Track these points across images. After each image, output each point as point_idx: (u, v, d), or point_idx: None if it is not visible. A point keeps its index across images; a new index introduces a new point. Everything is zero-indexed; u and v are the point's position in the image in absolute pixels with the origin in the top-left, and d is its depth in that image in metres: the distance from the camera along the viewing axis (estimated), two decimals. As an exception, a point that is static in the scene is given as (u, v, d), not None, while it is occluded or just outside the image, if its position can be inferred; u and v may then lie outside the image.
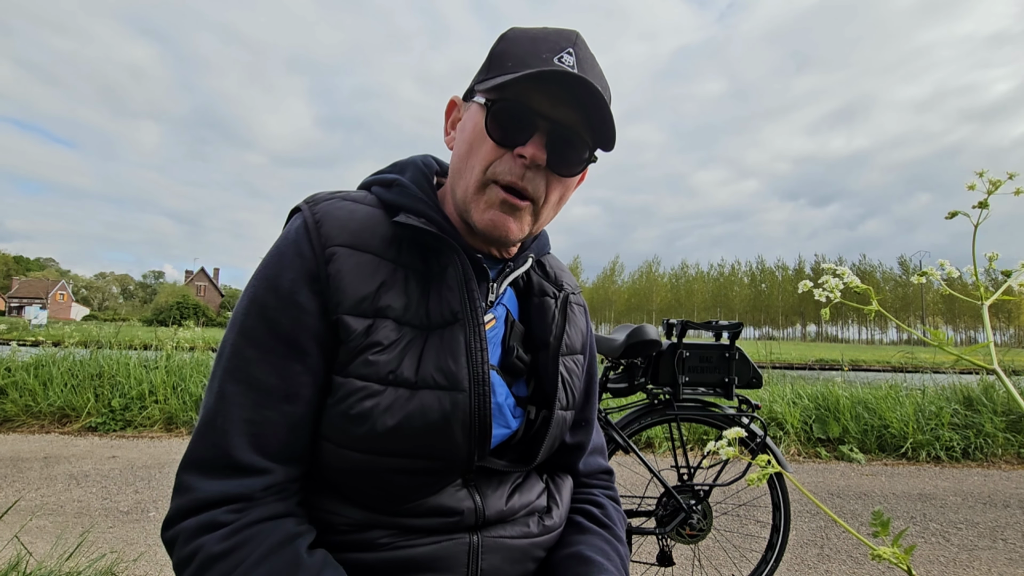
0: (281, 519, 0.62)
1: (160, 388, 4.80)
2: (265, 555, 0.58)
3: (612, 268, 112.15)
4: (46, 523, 2.59)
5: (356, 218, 0.70)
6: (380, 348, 0.65)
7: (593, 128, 0.70)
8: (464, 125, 0.74)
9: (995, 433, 4.44)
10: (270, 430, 0.63)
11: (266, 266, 0.67)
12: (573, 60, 0.67)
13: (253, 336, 0.64)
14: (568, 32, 0.71)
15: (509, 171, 0.69)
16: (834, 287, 0.48)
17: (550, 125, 0.68)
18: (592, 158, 0.74)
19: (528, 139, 0.68)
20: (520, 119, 0.68)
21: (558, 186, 0.73)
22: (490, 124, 0.68)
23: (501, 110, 0.68)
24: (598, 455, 0.96)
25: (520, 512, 0.76)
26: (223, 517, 0.59)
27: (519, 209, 0.71)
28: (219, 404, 0.63)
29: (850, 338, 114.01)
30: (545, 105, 0.68)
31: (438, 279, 0.71)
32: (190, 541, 0.58)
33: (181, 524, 0.60)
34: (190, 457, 0.62)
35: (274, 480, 0.63)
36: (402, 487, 0.67)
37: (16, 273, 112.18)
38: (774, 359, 10.44)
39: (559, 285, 0.87)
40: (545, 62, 0.66)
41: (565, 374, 0.80)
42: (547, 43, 0.68)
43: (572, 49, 0.68)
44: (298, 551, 0.60)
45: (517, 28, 0.73)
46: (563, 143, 0.70)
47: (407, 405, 0.64)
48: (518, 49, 0.69)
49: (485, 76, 0.71)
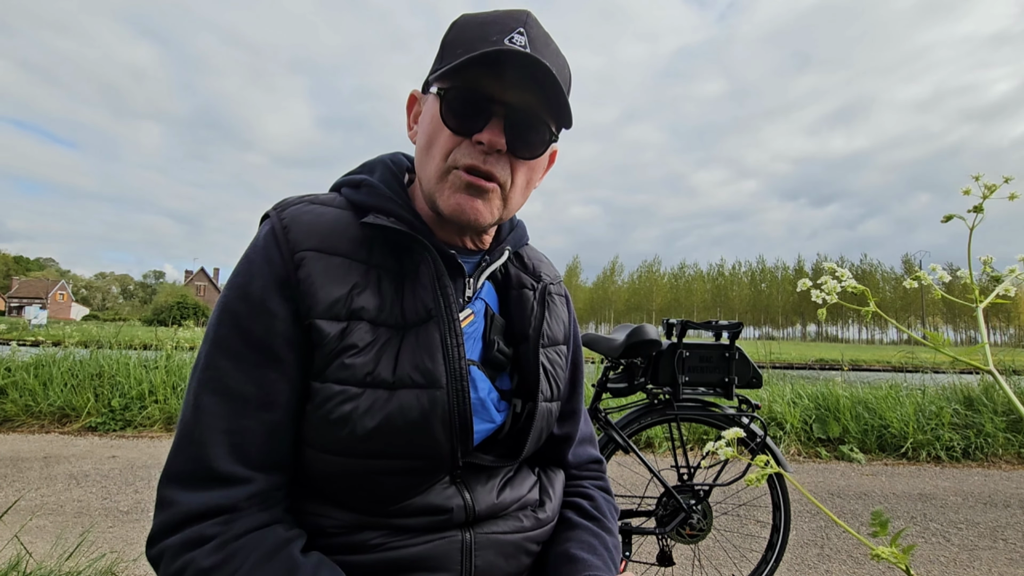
0: (269, 527, 0.62)
1: (160, 388, 4.80)
2: (259, 563, 0.57)
3: (612, 268, 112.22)
4: (46, 523, 2.59)
5: (324, 221, 0.69)
6: (356, 350, 0.64)
7: (550, 108, 0.70)
8: (423, 117, 0.73)
9: (995, 433, 4.44)
10: (249, 439, 0.62)
11: (237, 275, 0.67)
12: (524, 40, 0.66)
13: (226, 345, 0.64)
14: (518, 12, 0.69)
15: (468, 155, 0.68)
16: (832, 289, 0.48)
17: (505, 109, 0.68)
18: (554, 138, 0.73)
19: (484, 125, 0.67)
20: (474, 105, 0.67)
21: (523, 169, 0.73)
22: (445, 113, 0.68)
23: (454, 98, 0.67)
24: (587, 444, 0.96)
25: (512, 506, 0.76)
26: (209, 530, 0.58)
27: (486, 191, 0.70)
28: (195, 416, 0.62)
29: (850, 338, 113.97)
30: (498, 89, 0.67)
31: (411, 278, 0.71)
32: (177, 557, 0.57)
33: (166, 541, 0.58)
34: (170, 471, 0.61)
35: (257, 489, 0.62)
36: (389, 488, 0.67)
37: (16, 273, 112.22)
38: (774, 359, 10.43)
39: (537, 276, 0.87)
40: (495, 44, 0.65)
41: (548, 365, 0.80)
42: (496, 25, 0.67)
43: (523, 29, 0.67)
44: (292, 554, 0.60)
45: (468, 14, 0.72)
46: (522, 126, 0.69)
47: (386, 406, 0.64)
48: (467, 35, 0.68)
49: (438, 66, 0.70)
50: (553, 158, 0.82)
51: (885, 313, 0.49)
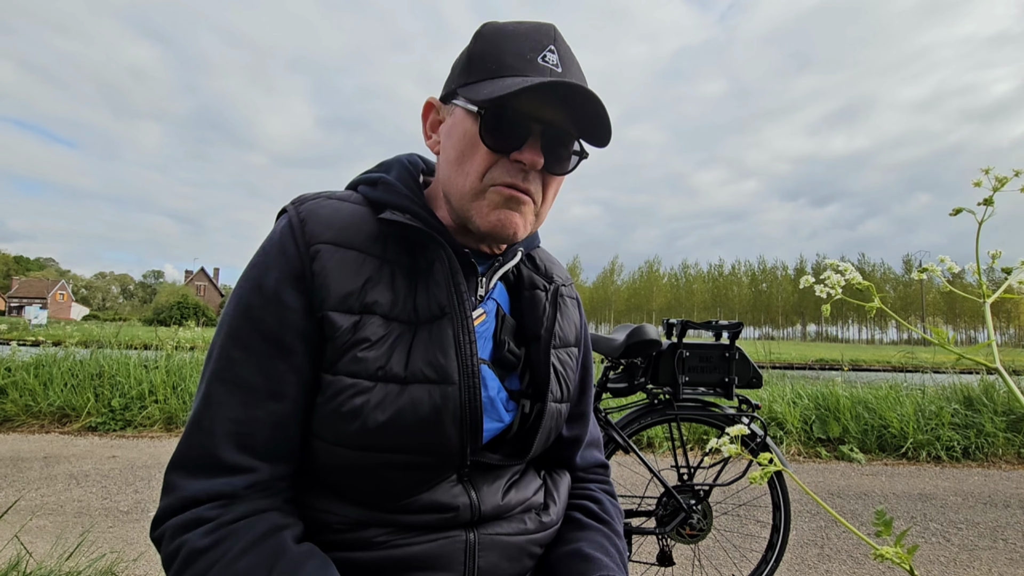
0: (265, 513, 0.62)
1: (160, 388, 4.80)
2: (249, 545, 0.58)
3: (612, 268, 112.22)
4: (46, 523, 2.59)
5: (341, 215, 0.70)
6: (368, 344, 0.65)
7: (582, 124, 0.71)
8: (451, 131, 0.73)
9: (995, 433, 4.44)
10: (255, 428, 0.63)
11: (252, 267, 0.68)
12: (556, 58, 0.68)
13: (239, 337, 0.65)
14: (546, 27, 0.70)
15: (508, 174, 0.69)
16: (836, 283, 0.48)
17: (543, 127, 0.69)
18: (585, 154, 0.75)
19: (523, 144, 0.68)
20: (514, 126, 0.68)
21: (553, 184, 0.75)
22: (484, 133, 0.68)
23: (494, 117, 0.68)
24: (594, 448, 0.96)
25: (517, 508, 0.76)
26: (207, 513, 0.60)
27: (523, 204, 0.71)
28: (205, 405, 0.63)
29: (850, 338, 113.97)
30: (537, 108, 0.68)
31: (425, 274, 0.71)
32: (175, 537, 0.59)
33: (167, 522, 0.60)
34: (177, 458, 0.63)
35: (259, 478, 0.63)
36: (396, 483, 0.67)
37: (16, 273, 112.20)
38: (774, 359, 10.43)
39: (549, 278, 0.87)
40: (529, 63, 0.66)
41: (558, 366, 0.80)
42: (528, 41, 0.68)
43: (553, 46, 0.68)
44: (282, 541, 0.60)
45: (493, 24, 0.72)
46: (556, 143, 0.70)
47: (397, 400, 0.64)
48: (498, 49, 0.69)
49: (467, 80, 0.70)
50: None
51: (887, 313, 0.49)
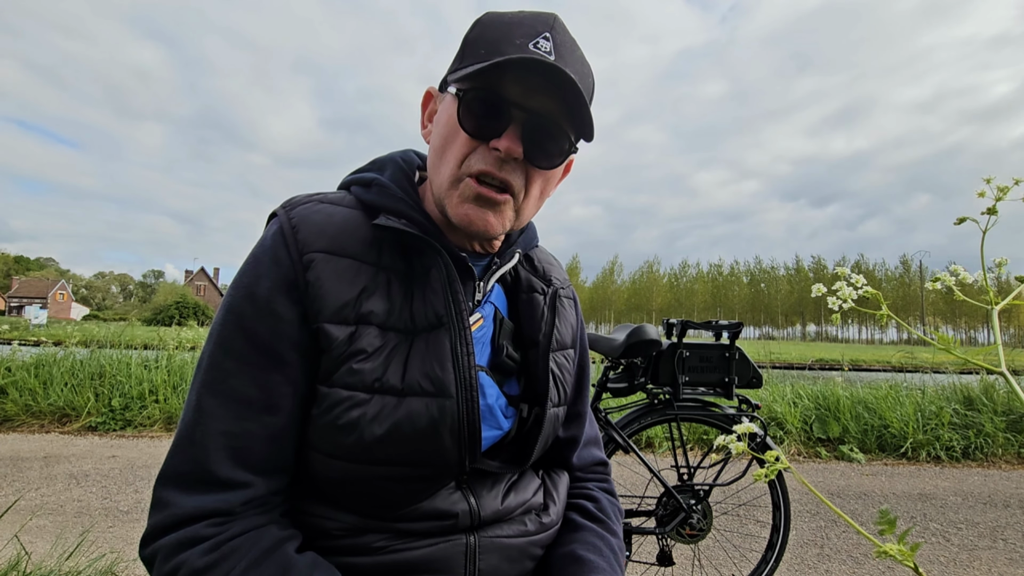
0: (265, 527, 0.61)
1: (160, 388, 4.80)
2: (254, 562, 0.57)
3: (612, 268, 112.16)
4: (46, 523, 2.59)
5: (334, 222, 0.67)
6: (364, 356, 0.63)
7: (571, 118, 0.67)
8: (439, 117, 0.71)
9: (995, 433, 4.44)
10: (250, 442, 0.61)
11: (243, 274, 0.65)
12: (550, 45, 0.64)
13: (230, 347, 0.62)
14: (545, 15, 0.67)
15: (483, 161, 0.66)
16: (848, 295, 0.48)
17: (526, 115, 0.65)
18: (573, 149, 0.71)
19: (503, 131, 0.65)
20: (493, 109, 0.64)
21: (538, 179, 0.70)
22: (462, 115, 0.65)
23: (473, 100, 0.65)
24: (592, 447, 0.95)
25: (516, 511, 0.75)
26: (204, 531, 0.58)
27: (498, 203, 0.67)
28: (197, 417, 0.61)
29: (850, 338, 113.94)
30: (519, 94, 0.64)
31: (421, 281, 0.69)
32: (171, 558, 0.57)
33: (160, 541, 0.58)
34: (168, 472, 0.60)
35: (255, 493, 0.61)
36: (394, 494, 0.66)
37: (16, 273, 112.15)
38: (774, 359, 10.43)
39: (547, 280, 0.85)
40: (519, 48, 0.63)
41: (556, 370, 0.79)
42: (522, 28, 0.65)
43: (549, 34, 0.65)
44: (287, 554, 0.59)
45: (492, 12, 0.69)
46: (541, 134, 0.66)
47: (394, 413, 0.63)
48: (491, 35, 0.66)
49: (458, 65, 0.68)
50: (569, 167, 0.79)
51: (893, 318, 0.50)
